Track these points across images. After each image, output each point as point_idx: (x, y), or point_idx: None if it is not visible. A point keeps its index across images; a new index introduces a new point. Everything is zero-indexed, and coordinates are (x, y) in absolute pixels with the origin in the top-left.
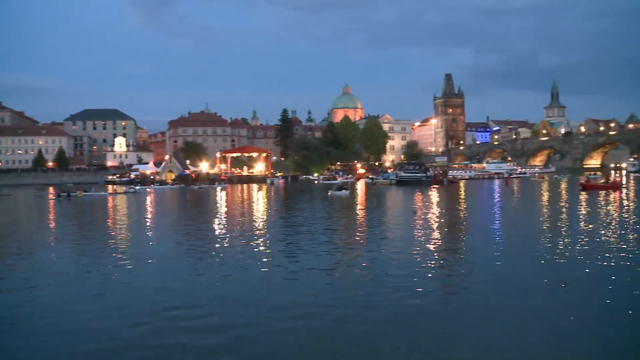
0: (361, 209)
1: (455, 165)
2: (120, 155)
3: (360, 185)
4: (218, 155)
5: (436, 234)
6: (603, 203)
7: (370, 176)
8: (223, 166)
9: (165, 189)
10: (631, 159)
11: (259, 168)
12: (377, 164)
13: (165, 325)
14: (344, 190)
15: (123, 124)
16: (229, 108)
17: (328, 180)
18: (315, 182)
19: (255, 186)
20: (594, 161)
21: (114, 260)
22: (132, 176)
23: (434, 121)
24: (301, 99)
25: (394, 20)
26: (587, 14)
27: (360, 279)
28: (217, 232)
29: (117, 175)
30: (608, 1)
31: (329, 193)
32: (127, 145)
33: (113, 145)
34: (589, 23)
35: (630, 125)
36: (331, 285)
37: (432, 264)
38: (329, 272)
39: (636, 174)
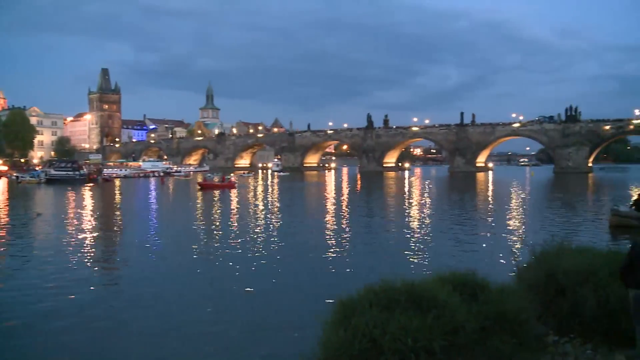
0: None
1: (111, 163)
2: None
3: (2, 185)
4: None
5: (68, 236)
6: (215, 200)
7: (15, 174)
8: None
9: None
10: (275, 160)
11: None
12: (23, 160)
13: None
14: None
15: None
16: None
17: None
18: None
19: None
20: (244, 161)
21: None
22: None
23: (88, 117)
24: None
25: (45, 3)
26: (240, 25)
27: None
28: None
29: None
30: (258, 16)
31: None
32: None
33: None
34: (242, 33)
35: (275, 129)
36: None
37: (70, 266)
38: None
39: (280, 173)
